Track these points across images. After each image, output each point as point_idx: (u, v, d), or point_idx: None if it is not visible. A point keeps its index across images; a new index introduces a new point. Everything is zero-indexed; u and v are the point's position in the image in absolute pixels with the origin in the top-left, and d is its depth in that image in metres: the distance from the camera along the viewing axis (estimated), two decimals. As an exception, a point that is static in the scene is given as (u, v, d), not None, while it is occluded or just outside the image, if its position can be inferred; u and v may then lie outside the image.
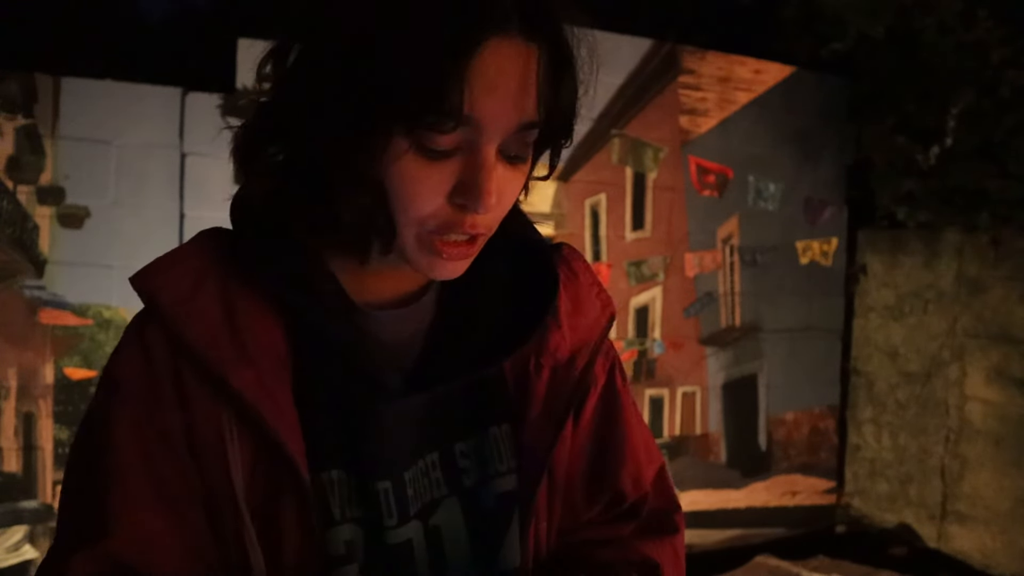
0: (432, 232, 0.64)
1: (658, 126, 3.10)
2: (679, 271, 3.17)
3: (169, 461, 0.66)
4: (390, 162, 0.62)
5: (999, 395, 3.08)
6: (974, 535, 3.15)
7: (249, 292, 0.68)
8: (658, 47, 3.07)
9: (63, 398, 2.42)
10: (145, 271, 0.69)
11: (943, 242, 3.26)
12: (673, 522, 0.85)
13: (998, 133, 2.96)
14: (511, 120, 0.62)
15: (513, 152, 0.65)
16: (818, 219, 3.42)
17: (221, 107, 2.52)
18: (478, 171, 0.62)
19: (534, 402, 0.74)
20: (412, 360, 0.72)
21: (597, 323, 0.79)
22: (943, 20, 3.00)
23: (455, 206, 0.63)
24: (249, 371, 0.65)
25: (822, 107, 3.37)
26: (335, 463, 0.69)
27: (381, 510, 0.69)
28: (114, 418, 0.67)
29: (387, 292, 0.73)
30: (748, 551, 3.19)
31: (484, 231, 0.66)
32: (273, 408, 0.65)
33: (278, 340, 0.67)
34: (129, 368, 0.68)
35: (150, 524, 0.66)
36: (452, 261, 0.66)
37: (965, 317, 3.19)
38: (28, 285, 2.36)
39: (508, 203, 0.67)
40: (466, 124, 0.60)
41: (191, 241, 0.72)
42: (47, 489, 2.42)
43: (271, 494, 0.66)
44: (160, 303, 0.67)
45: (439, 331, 0.73)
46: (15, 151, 2.33)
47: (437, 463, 0.73)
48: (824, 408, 3.55)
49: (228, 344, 0.65)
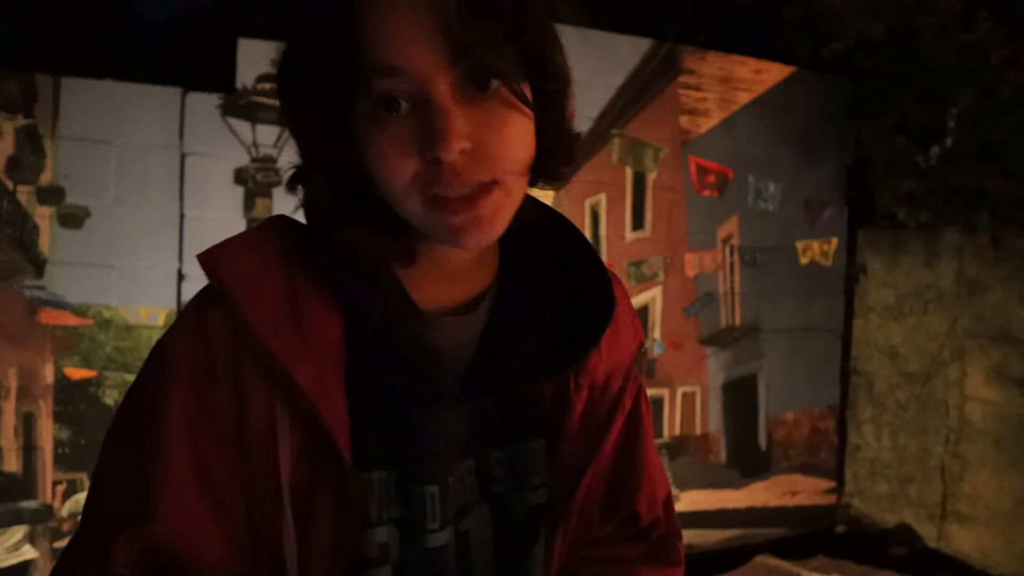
0: (430, 194, 0.62)
1: (658, 126, 3.10)
2: (679, 271, 3.17)
3: (216, 447, 0.65)
4: (358, 139, 0.62)
5: (999, 395, 3.08)
6: (974, 535, 3.15)
7: (313, 285, 0.67)
8: (658, 47, 3.07)
9: (63, 398, 2.42)
10: (213, 251, 0.67)
11: (943, 242, 3.26)
12: (677, 552, 0.87)
13: (998, 133, 2.96)
14: (436, 51, 0.59)
15: (473, 87, 0.61)
16: (818, 219, 3.42)
17: (221, 107, 2.52)
18: (430, 116, 0.59)
19: (572, 420, 0.75)
20: (464, 367, 0.71)
21: (628, 348, 0.80)
22: (943, 20, 3.00)
23: (429, 161, 0.61)
24: (310, 365, 0.64)
25: (822, 107, 3.37)
26: (380, 464, 0.68)
27: (425, 513, 0.69)
28: (167, 399, 0.65)
29: (446, 298, 0.72)
30: (748, 551, 3.19)
31: (484, 179, 0.62)
32: (329, 404, 0.64)
33: (336, 337, 0.67)
34: (186, 348, 0.66)
35: (195, 512, 0.64)
36: (465, 217, 0.62)
37: (965, 317, 3.19)
38: (28, 285, 2.36)
39: (506, 148, 0.62)
40: (388, 74, 0.59)
41: (260, 226, 0.71)
42: (47, 489, 2.42)
43: (311, 489, 0.65)
44: (226, 284, 0.65)
45: (493, 340, 0.72)
46: (15, 151, 2.33)
47: (472, 469, 0.73)
48: (824, 408, 3.55)
49: (291, 335, 0.64)
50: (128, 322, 2.46)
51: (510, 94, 0.62)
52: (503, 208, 0.64)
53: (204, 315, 0.66)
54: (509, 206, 0.65)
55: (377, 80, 0.59)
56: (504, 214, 0.65)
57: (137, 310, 2.47)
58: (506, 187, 0.63)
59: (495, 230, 0.64)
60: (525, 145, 0.64)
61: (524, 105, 0.63)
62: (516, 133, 0.63)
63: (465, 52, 0.59)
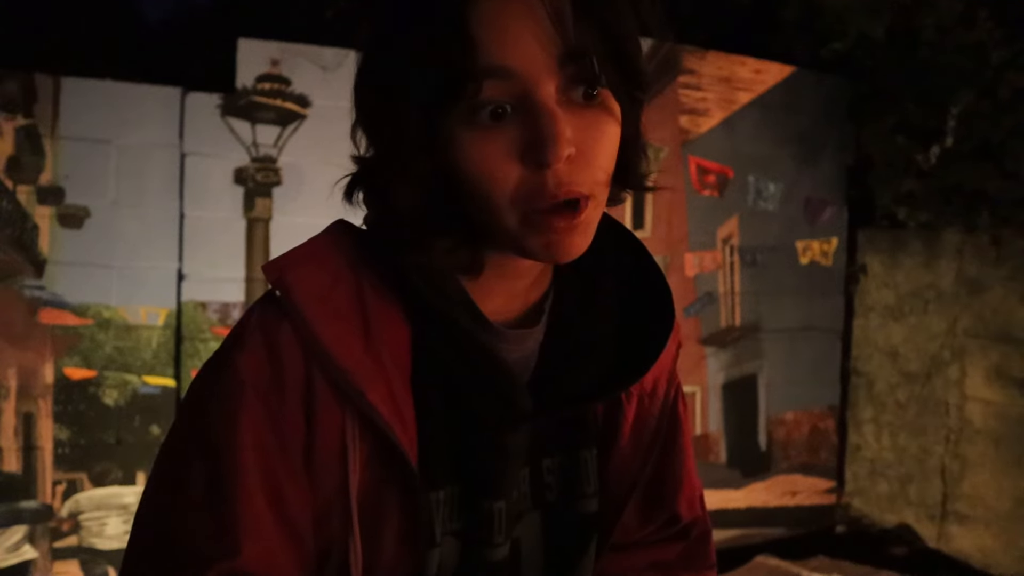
0: (531, 209, 0.59)
1: (658, 126, 3.10)
2: (679, 271, 3.17)
3: (286, 470, 0.63)
4: (453, 150, 0.59)
5: (999, 395, 3.08)
6: (974, 535, 3.15)
7: (383, 298, 0.64)
8: (658, 47, 3.07)
9: (63, 398, 2.42)
10: (282, 262, 0.65)
11: (943, 242, 3.26)
12: (711, 553, 0.86)
13: (998, 133, 2.96)
14: (548, 53, 0.57)
15: (577, 92, 0.59)
16: (818, 219, 3.42)
17: (221, 107, 2.52)
18: (537, 119, 0.57)
19: (624, 429, 0.74)
20: (528, 380, 0.69)
21: (669, 352, 0.78)
22: (943, 21, 3.00)
23: (533, 169, 0.58)
24: (384, 384, 0.62)
25: (822, 107, 3.37)
26: (447, 481, 0.66)
27: (492, 528, 0.68)
28: (238, 422, 0.62)
29: (509, 310, 0.70)
30: (748, 551, 3.19)
31: (583, 191, 0.59)
32: (400, 422, 0.62)
33: (405, 351, 0.64)
34: (255, 367, 0.63)
35: (273, 539, 0.63)
36: (563, 235, 0.60)
37: (965, 317, 3.19)
38: (28, 285, 2.36)
39: (603, 157, 0.61)
40: (497, 76, 0.56)
41: (325, 235, 0.68)
42: (47, 489, 2.42)
43: (378, 506, 0.64)
44: (298, 302, 0.62)
45: (556, 352, 0.70)
46: (15, 151, 2.33)
47: (527, 478, 0.72)
48: (824, 408, 3.55)
49: (364, 352, 0.62)
50: (128, 322, 2.46)
51: (610, 102, 0.61)
52: (594, 221, 0.62)
53: (272, 330, 0.63)
54: (597, 218, 0.63)
55: (484, 80, 0.56)
56: (594, 227, 0.63)
57: (137, 310, 2.47)
58: (597, 200, 0.62)
59: (586, 243, 0.62)
60: (615, 155, 0.63)
61: (621, 115, 0.62)
62: (612, 142, 0.61)
63: (576, 56, 0.57)
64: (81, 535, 2.45)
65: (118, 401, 2.47)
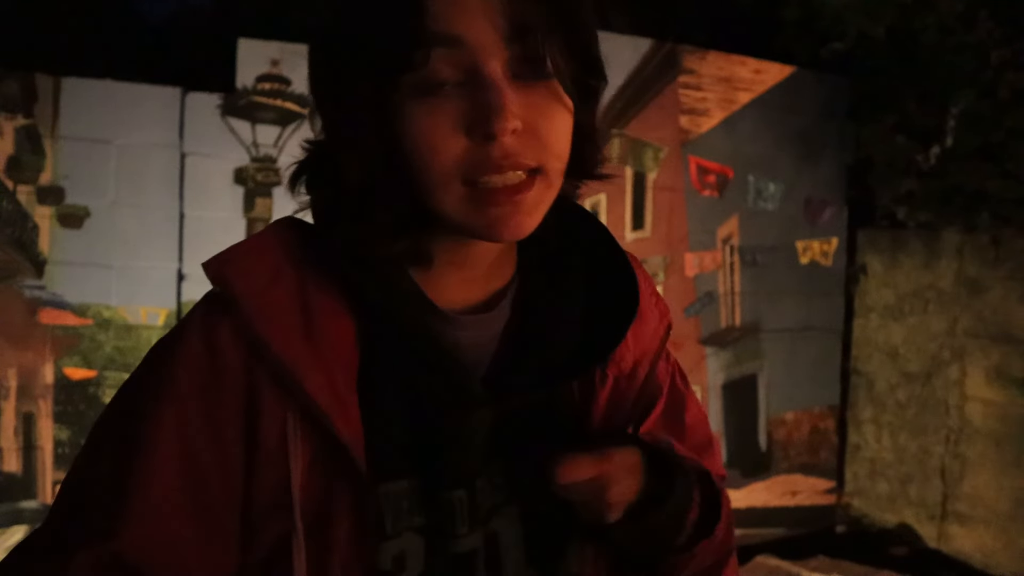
0: (473, 182, 0.60)
1: (658, 126, 3.10)
2: (679, 271, 3.17)
3: (215, 466, 0.63)
4: (401, 123, 0.59)
5: (999, 395, 3.08)
6: (974, 535, 3.15)
7: (326, 290, 0.65)
8: (658, 47, 3.08)
9: (63, 398, 2.42)
10: (221, 258, 0.65)
11: (943, 242, 3.26)
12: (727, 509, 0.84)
13: (998, 133, 2.96)
14: (496, 27, 0.58)
15: (525, 71, 0.59)
16: (818, 219, 3.42)
17: (221, 107, 2.52)
18: (484, 91, 0.57)
19: (597, 411, 0.73)
20: (487, 366, 0.69)
21: (656, 333, 0.78)
22: (943, 21, 3.00)
23: (479, 141, 0.58)
24: (323, 375, 0.62)
25: (822, 107, 3.38)
26: (400, 473, 0.66)
27: (454, 519, 0.67)
28: (160, 414, 0.62)
29: (465, 297, 0.70)
30: (748, 551, 3.19)
31: (531, 164, 0.60)
32: (344, 417, 0.62)
33: (350, 344, 0.64)
34: (190, 364, 0.63)
35: (176, 530, 0.62)
36: (506, 209, 0.60)
37: (965, 317, 3.19)
38: (28, 285, 2.36)
39: (553, 136, 0.61)
40: (446, 44, 0.57)
41: (267, 231, 0.69)
42: (47, 489, 2.42)
43: (326, 502, 0.63)
44: (236, 294, 0.63)
45: (517, 337, 0.70)
46: (15, 151, 2.33)
47: (500, 469, 0.71)
48: (824, 408, 3.55)
49: (304, 344, 0.62)
50: (128, 322, 2.46)
51: (558, 85, 0.61)
52: (543, 202, 0.63)
53: (212, 328, 0.64)
54: (548, 200, 0.63)
55: (434, 48, 0.57)
56: (543, 208, 0.63)
57: (137, 310, 2.47)
58: (548, 179, 0.62)
59: (533, 223, 0.63)
60: (568, 139, 0.63)
61: (570, 97, 0.62)
62: (562, 124, 0.62)
63: (524, 33, 0.58)
64: (81, 535, 2.46)
65: (118, 401, 2.47)
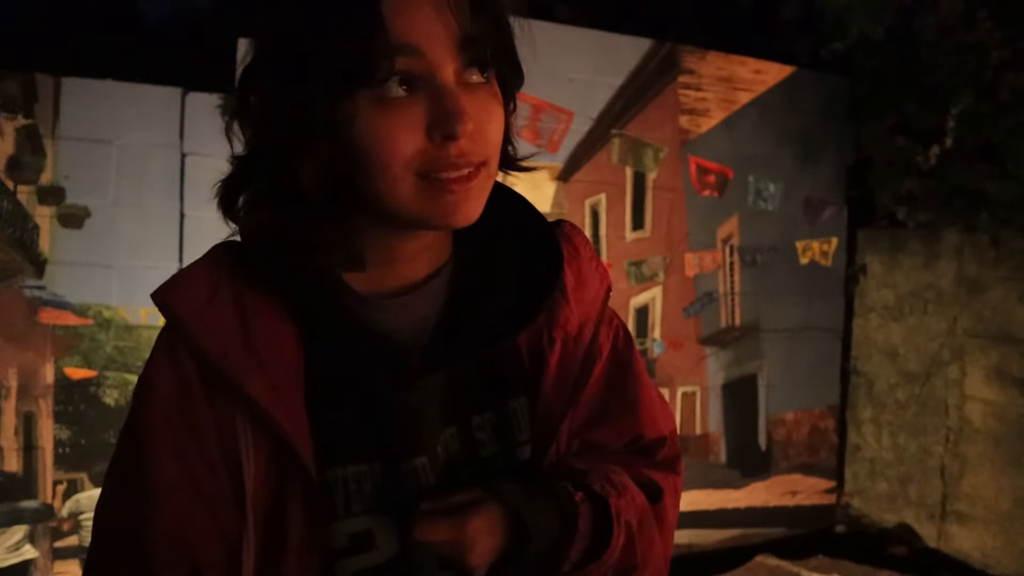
0: (427, 174, 0.66)
1: (658, 126, 3.10)
2: (679, 271, 3.17)
3: (203, 462, 0.70)
4: (358, 127, 0.65)
5: (999, 395, 3.08)
6: (974, 535, 3.15)
7: (263, 301, 0.71)
8: (658, 47, 3.08)
9: (63, 398, 2.42)
10: (164, 287, 0.72)
11: (943, 242, 3.26)
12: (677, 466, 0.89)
13: (998, 134, 2.96)
14: (449, 37, 0.64)
15: (471, 75, 0.67)
16: (818, 219, 3.42)
17: (221, 107, 2.50)
18: (444, 97, 0.64)
19: (548, 374, 0.78)
20: (427, 341, 0.74)
21: (597, 295, 0.82)
22: (943, 21, 3.00)
23: (438, 142, 0.65)
24: (262, 378, 0.68)
25: (822, 107, 3.38)
26: (353, 457, 0.72)
27: (421, 486, 0.72)
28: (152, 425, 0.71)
29: (398, 281, 0.75)
30: (748, 551, 3.20)
31: (479, 159, 0.67)
32: (286, 413, 0.68)
33: (292, 347, 0.70)
34: (162, 378, 0.71)
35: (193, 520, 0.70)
36: (458, 196, 0.67)
37: (965, 317, 3.19)
38: (28, 285, 2.36)
39: (494, 133, 0.69)
40: (406, 54, 0.63)
41: (205, 256, 0.75)
42: (47, 489, 2.42)
43: (280, 496, 0.69)
44: (178, 317, 0.70)
45: (452, 311, 0.76)
46: (15, 151, 2.33)
47: (456, 436, 0.76)
48: (824, 408, 3.55)
49: (242, 352, 0.68)
50: (128, 322, 2.47)
51: (495, 85, 0.69)
52: (486, 188, 0.70)
53: (172, 346, 0.71)
54: (488, 187, 0.71)
55: (396, 58, 0.63)
56: (485, 194, 0.70)
57: (137, 310, 2.47)
58: (490, 169, 0.70)
59: (479, 209, 0.70)
60: (502, 133, 0.71)
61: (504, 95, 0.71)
62: (500, 120, 0.70)
63: (472, 41, 0.66)
64: (81, 535, 2.45)
65: (118, 401, 2.47)
